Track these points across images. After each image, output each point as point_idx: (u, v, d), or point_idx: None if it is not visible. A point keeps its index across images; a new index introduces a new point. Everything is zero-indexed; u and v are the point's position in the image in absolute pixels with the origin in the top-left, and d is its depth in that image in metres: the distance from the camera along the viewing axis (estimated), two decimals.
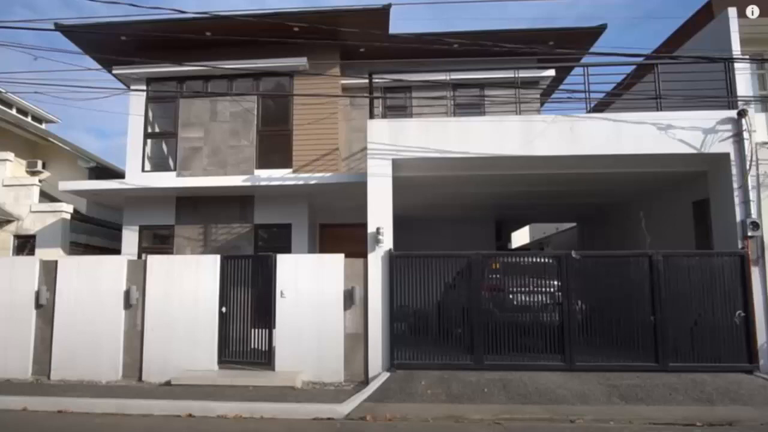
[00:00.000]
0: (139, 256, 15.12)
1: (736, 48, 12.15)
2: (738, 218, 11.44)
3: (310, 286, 11.63)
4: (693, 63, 12.07)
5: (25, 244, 16.25)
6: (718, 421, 8.32)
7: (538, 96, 16.32)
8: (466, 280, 11.30)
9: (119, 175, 17.86)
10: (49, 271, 12.37)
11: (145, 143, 15.99)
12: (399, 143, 11.97)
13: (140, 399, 9.79)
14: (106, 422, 8.90)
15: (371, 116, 12.69)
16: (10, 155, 17.09)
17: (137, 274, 12.10)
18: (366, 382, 10.93)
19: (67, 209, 16.34)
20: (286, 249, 14.93)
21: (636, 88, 14.74)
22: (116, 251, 16.15)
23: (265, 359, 11.55)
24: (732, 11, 12.43)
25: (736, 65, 11.87)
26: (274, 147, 15.63)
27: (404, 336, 11.37)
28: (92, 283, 12.09)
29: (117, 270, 12.15)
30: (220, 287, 11.80)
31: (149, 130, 16.21)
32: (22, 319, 12.25)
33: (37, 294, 12.29)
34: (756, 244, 11.24)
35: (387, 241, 11.67)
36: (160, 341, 11.73)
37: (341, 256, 11.80)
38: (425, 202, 16.54)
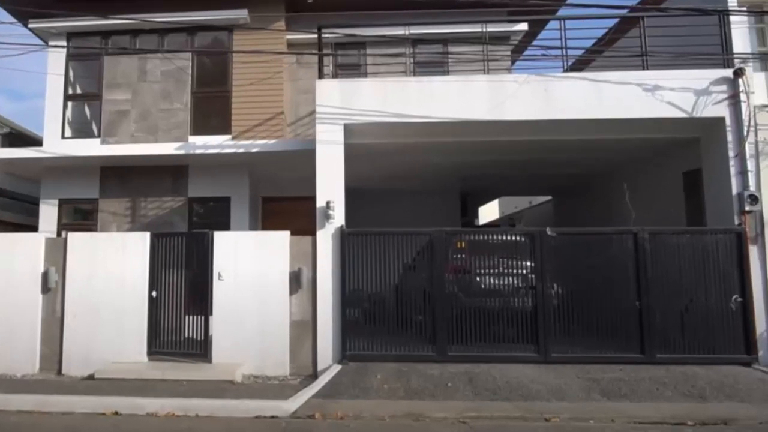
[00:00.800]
0: (59, 234, 14.36)
1: None
2: (734, 191, 10.87)
3: (251, 268, 11.04)
4: (683, 16, 11.54)
5: None
6: (711, 420, 7.90)
7: (509, 53, 15.92)
8: (428, 261, 10.82)
9: (36, 142, 17.26)
10: None
11: (65, 106, 15.16)
12: (352, 106, 11.41)
13: (60, 395, 9.30)
14: (23, 421, 8.44)
15: (320, 76, 12.09)
16: None
17: (56, 254, 11.42)
18: (314, 375, 10.47)
19: None
20: (225, 225, 14.23)
21: (619, 45, 14.35)
22: (33, 228, 15.39)
23: (201, 350, 10.95)
24: None
25: (732, 18, 11.30)
26: (211, 111, 14.91)
27: (358, 323, 10.95)
28: (5, 264, 11.40)
29: (33, 249, 11.46)
30: (150, 269, 11.23)
31: (70, 91, 15.36)
32: None
33: None
34: (754, 220, 10.71)
35: (338, 217, 11.13)
36: (83, 330, 11.07)
37: (286, 233, 11.22)
38: (382, 172, 16.06)
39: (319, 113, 11.47)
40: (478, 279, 10.91)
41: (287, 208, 15.03)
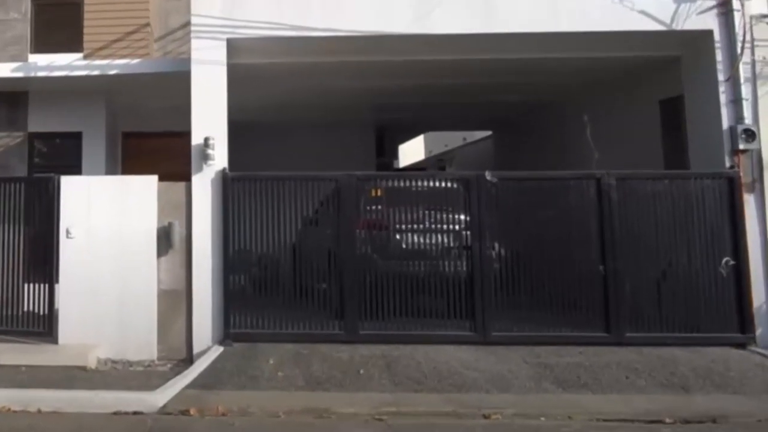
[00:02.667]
0: None
1: None
2: (725, 124, 9.75)
3: (109, 223, 10.01)
4: None
5: None
6: (696, 416, 7.07)
7: None
8: (334, 214, 9.98)
9: None
10: None
11: None
12: (237, 16, 10.36)
13: None
14: None
15: None
16: None
17: None
18: (190, 360, 9.57)
19: None
20: (76, 169, 12.81)
21: None
22: None
23: (45, 327, 9.99)
24: None
25: None
26: (58, 22, 13.32)
27: (245, 294, 10.07)
28: None
29: None
30: None
31: None
32: None
33: None
34: (750, 161, 9.63)
35: (220, 158, 10.07)
36: None
37: (154, 178, 10.19)
38: (276, 101, 14.84)
39: (195, 25, 10.38)
40: (398, 237, 10.02)
41: (155, 146, 13.72)
